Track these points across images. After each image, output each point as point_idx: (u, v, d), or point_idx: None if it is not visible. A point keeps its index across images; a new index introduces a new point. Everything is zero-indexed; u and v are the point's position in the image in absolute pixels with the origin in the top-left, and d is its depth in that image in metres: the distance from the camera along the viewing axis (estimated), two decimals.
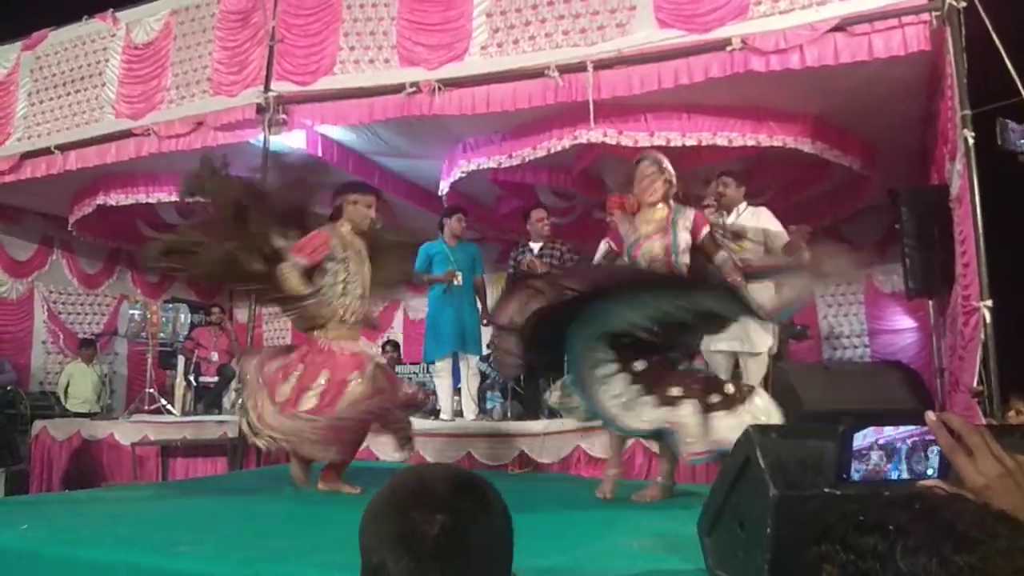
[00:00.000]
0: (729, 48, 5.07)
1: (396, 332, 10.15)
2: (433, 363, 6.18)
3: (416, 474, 1.01)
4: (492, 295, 6.31)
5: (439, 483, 0.97)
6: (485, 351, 6.49)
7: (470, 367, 6.10)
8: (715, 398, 3.43)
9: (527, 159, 6.25)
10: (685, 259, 3.79)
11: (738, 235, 5.01)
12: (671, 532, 2.56)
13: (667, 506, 3.50)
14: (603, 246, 5.66)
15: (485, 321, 6.09)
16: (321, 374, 3.79)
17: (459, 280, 5.88)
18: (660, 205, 3.88)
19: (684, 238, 3.79)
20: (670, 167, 3.97)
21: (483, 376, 6.87)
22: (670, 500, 3.61)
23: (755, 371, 5.06)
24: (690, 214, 3.86)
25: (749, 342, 4.99)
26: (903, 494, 0.78)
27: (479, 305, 6.24)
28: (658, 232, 3.81)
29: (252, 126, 6.44)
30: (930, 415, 1.00)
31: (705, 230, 3.82)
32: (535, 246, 5.98)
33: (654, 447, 3.93)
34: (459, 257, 6.07)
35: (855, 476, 1.06)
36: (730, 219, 5.17)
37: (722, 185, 5.16)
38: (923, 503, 0.74)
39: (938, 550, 0.68)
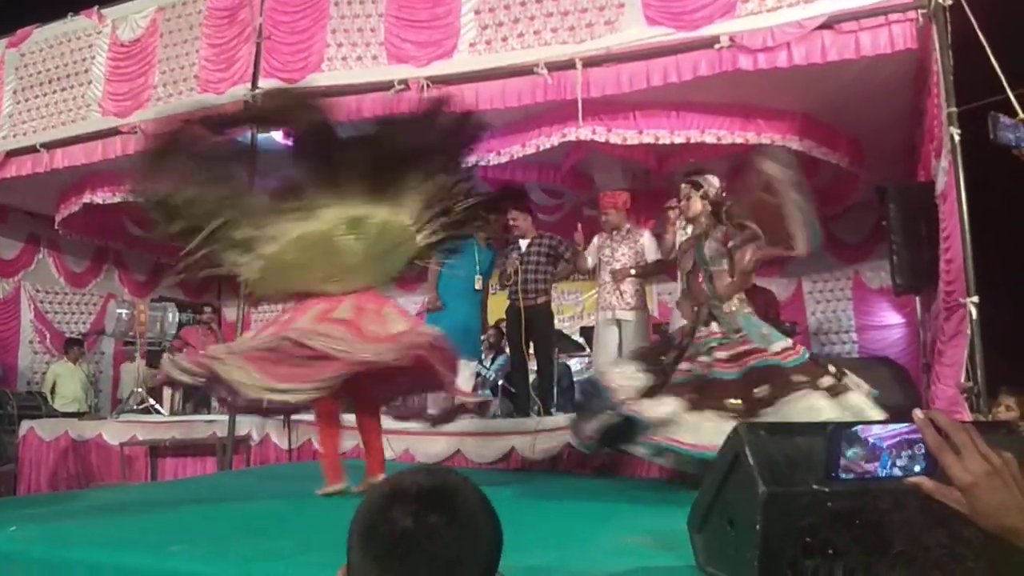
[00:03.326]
0: (717, 46, 5.09)
1: None
2: None
3: (396, 478, 1.03)
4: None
5: (410, 488, 0.99)
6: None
7: (468, 369, 6.08)
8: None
9: (516, 156, 6.25)
10: (716, 267, 3.96)
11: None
12: (662, 529, 2.57)
13: (658, 503, 3.51)
14: (596, 240, 5.69)
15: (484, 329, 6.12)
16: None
17: (441, 304, 5.88)
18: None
19: (712, 247, 3.99)
20: (711, 184, 4.16)
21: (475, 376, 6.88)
22: (661, 496, 3.63)
23: None
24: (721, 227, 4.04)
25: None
26: (849, 508, 0.79)
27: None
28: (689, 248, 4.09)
29: None
30: (917, 413, 1.01)
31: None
32: (523, 243, 5.99)
33: None
34: (484, 259, 6.06)
35: (843, 474, 1.07)
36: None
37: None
38: (864, 518, 0.76)
39: (872, 570, 0.70)
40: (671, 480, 4.08)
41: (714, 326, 3.80)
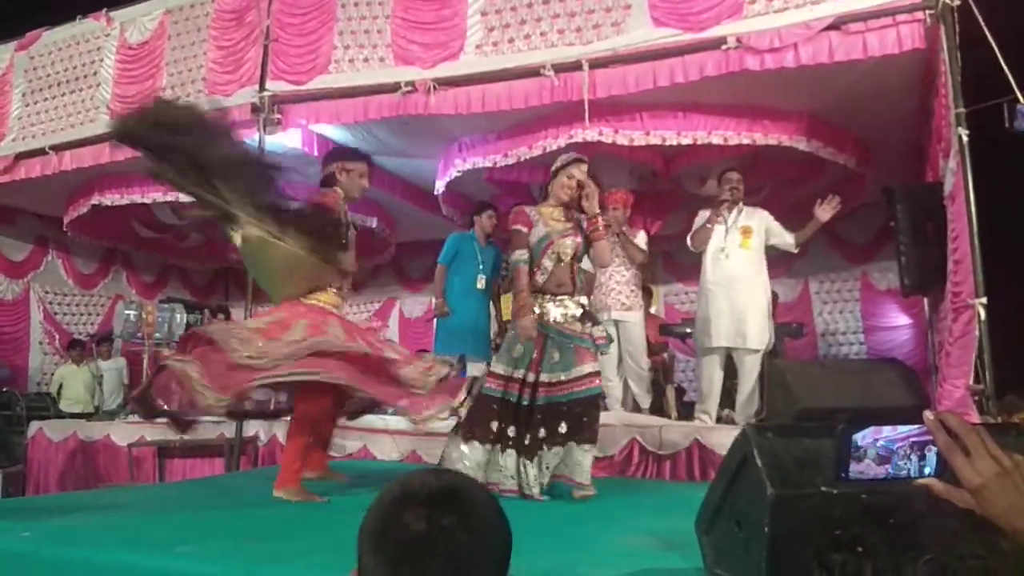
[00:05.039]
0: (724, 47, 5.07)
1: (392, 330, 10.13)
2: None
3: (406, 479, 1.03)
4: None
5: (422, 490, 0.99)
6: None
7: (478, 369, 6.07)
8: None
9: (523, 158, 6.24)
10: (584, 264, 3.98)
11: (746, 231, 5.11)
12: (669, 530, 2.57)
13: (664, 504, 3.51)
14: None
15: (496, 327, 6.12)
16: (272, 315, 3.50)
17: (448, 309, 5.89)
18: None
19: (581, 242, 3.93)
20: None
21: None
22: (667, 497, 3.62)
23: (750, 367, 5.09)
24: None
25: (743, 338, 5.02)
26: (881, 504, 0.78)
27: (493, 310, 6.26)
28: (569, 233, 3.91)
29: (247, 126, 6.41)
30: (928, 414, 1.01)
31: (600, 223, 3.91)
32: None
33: None
34: (486, 258, 6.05)
35: (853, 475, 1.07)
36: (731, 216, 5.22)
37: (737, 181, 5.24)
38: (897, 518, 0.75)
39: (902, 572, 0.69)
40: None
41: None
